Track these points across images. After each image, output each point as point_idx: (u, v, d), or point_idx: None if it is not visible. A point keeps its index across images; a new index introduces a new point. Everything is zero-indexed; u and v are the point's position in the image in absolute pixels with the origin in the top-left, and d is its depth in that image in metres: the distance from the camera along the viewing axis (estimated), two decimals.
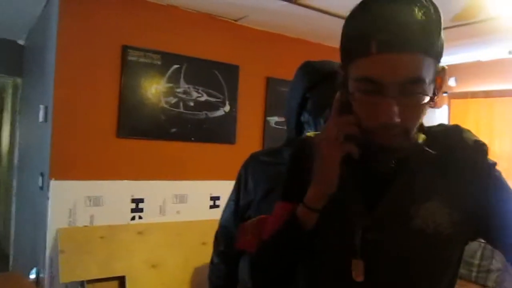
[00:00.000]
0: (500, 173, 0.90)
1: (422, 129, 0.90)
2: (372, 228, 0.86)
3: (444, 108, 4.70)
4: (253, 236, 1.11)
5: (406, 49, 0.74)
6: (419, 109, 0.80)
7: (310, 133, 1.07)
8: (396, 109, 0.76)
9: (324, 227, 0.89)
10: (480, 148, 0.90)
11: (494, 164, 0.90)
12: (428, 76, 0.77)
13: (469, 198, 0.87)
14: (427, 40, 0.76)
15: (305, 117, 1.35)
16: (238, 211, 1.42)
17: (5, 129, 6.58)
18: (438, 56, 0.79)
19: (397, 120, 0.77)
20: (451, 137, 0.91)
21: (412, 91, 0.77)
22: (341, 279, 0.88)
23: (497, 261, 3.79)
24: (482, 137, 0.96)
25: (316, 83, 1.34)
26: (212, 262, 1.53)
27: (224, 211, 1.52)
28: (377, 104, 0.77)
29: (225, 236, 1.48)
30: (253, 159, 1.45)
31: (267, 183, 1.33)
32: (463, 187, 0.87)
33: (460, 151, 0.89)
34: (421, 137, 0.88)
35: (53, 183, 2.81)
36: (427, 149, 0.86)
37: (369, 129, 0.81)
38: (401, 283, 0.88)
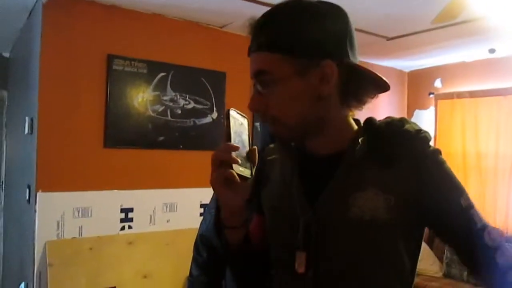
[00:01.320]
0: (443, 161, 0.90)
1: (359, 123, 0.97)
2: (313, 221, 0.90)
3: (431, 109, 4.75)
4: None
5: (256, 50, 0.88)
6: (282, 99, 0.87)
7: (272, 146, 1.13)
8: (255, 98, 0.89)
9: (275, 221, 0.99)
10: (421, 135, 0.91)
11: (436, 150, 0.91)
12: (276, 69, 0.85)
13: (407, 183, 0.87)
14: (270, 39, 0.86)
15: None
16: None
17: None
18: (292, 51, 0.85)
19: (256, 107, 0.89)
20: (394, 128, 0.93)
21: (260, 81, 0.88)
22: (289, 271, 0.92)
23: None
24: (468, 137, 0.98)
25: None
26: (191, 274, 1.47)
27: (205, 219, 1.48)
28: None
29: (207, 246, 1.43)
30: None
31: None
32: (402, 173, 0.88)
33: (400, 139, 0.90)
34: (355, 131, 0.95)
35: (40, 195, 2.77)
36: (359, 142, 0.91)
37: None
38: (345, 273, 0.89)
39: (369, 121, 0.96)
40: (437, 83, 4.70)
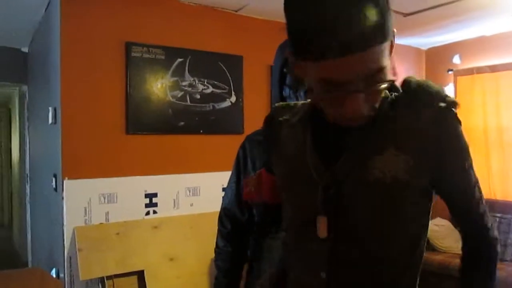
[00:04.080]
0: (459, 122, 0.91)
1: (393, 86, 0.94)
2: (332, 185, 0.90)
3: (450, 86, 4.68)
4: (254, 189, 1.28)
5: (364, 49, 0.74)
6: (382, 88, 0.82)
7: (278, 104, 1.13)
8: (361, 102, 0.79)
9: (290, 187, 0.99)
10: (445, 99, 0.90)
11: (456, 114, 0.91)
12: (386, 58, 0.79)
13: (426, 142, 0.88)
14: (379, 30, 0.75)
15: (286, 91, 1.41)
16: (240, 191, 1.46)
17: (14, 139, 6.65)
18: (390, 33, 0.79)
19: (364, 111, 0.81)
20: (427, 89, 0.92)
21: (376, 80, 0.78)
22: (308, 236, 0.93)
23: None
24: (489, 112, 0.99)
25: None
26: (217, 246, 1.54)
27: (226, 193, 1.55)
28: (342, 98, 0.80)
29: (231, 217, 1.51)
30: (248, 140, 1.52)
31: (262, 159, 1.39)
32: (422, 132, 0.88)
33: (424, 99, 0.90)
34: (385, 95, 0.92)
35: (67, 183, 2.84)
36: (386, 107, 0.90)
37: (336, 118, 0.87)
38: (365, 236, 0.90)
39: (407, 82, 0.94)
40: (456, 59, 4.62)
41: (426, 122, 0.88)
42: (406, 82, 0.94)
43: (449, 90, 4.69)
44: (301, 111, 1.02)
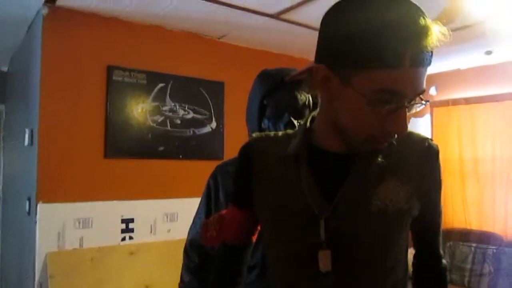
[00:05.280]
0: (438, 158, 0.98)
1: None
2: (333, 217, 0.88)
3: (427, 117, 4.79)
4: (216, 232, 1.18)
5: (428, 64, 0.78)
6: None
7: (255, 134, 1.09)
8: (406, 119, 0.81)
9: (281, 221, 0.94)
10: (427, 138, 0.97)
11: (438, 150, 0.97)
12: None
13: (419, 173, 0.93)
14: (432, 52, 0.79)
15: (265, 123, 1.39)
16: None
17: None
18: None
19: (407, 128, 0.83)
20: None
21: (420, 101, 0.80)
22: (306, 271, 0.90)
23: (489, 264, 3.82)
24: (465, 143, 1.09)
25: (272, 89, 1.37)
26: (182, 281, 1.48)
27: (194, 225, 1.50)
28: (392, 113, 0.79)
29: (199, 250, 1.45)
30: (220, 170, 1.47)
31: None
32: (414, 165, 0.93)
33: (411, 138, 0.96)
34: None
35: (41, 207, 2.77)
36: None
37: (373, 135, 0.84)
38: (366, 267, 0.90)
39: None
40: (432, 91, 4.75)
41: (419, 157, 0.93)
42: None
43: (425, 121, 4.81)
44: (287, 141, 0.98)
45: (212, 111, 3.50)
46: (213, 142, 3.48)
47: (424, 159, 0.94)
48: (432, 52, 0.77)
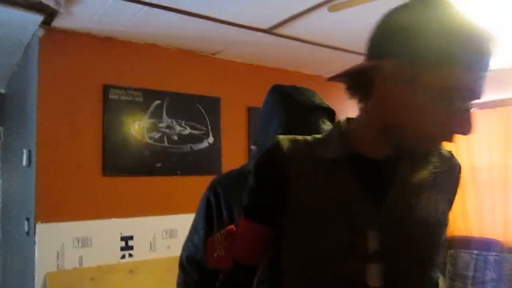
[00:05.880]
0: None
1: None
2: (383, 228, 0.83)
3: None
4: (225, 251, 1.05)
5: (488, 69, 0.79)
6: None
7: (283, 136, 0.95)
8: None
9: (321, 233, 0.86)
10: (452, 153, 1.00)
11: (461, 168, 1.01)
12: None
13: (449, 187, 0.96)
14: None
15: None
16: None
17: None
18: None
19: None
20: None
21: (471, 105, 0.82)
22: (351, 284, 0.84)
23: (491, 271, 3.80)
24: (462, 151, 1.13)
25: (298, 116, 1.29)
26: None
27: (191, 241, 1.42)
28: (457, 113, 0.79)
29: (198, 267, 1.37)
30: (219, 184, 1.38)
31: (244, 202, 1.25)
32: (447, 177, 0.95)
33: (442, 152, 0.98)
34: None
35: (40, 227, 2.77)
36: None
37: (432, 136, 0.82)
38: (419, 280, 0.87)
39: None
40: None
41: (450, 171, 0.96)
42: None
43: None
44: (320, 144, 0.92)
45: (209, 127, 3.52)
46: (210, 157, 3.49)
47: (452, 173, 0.97)
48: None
